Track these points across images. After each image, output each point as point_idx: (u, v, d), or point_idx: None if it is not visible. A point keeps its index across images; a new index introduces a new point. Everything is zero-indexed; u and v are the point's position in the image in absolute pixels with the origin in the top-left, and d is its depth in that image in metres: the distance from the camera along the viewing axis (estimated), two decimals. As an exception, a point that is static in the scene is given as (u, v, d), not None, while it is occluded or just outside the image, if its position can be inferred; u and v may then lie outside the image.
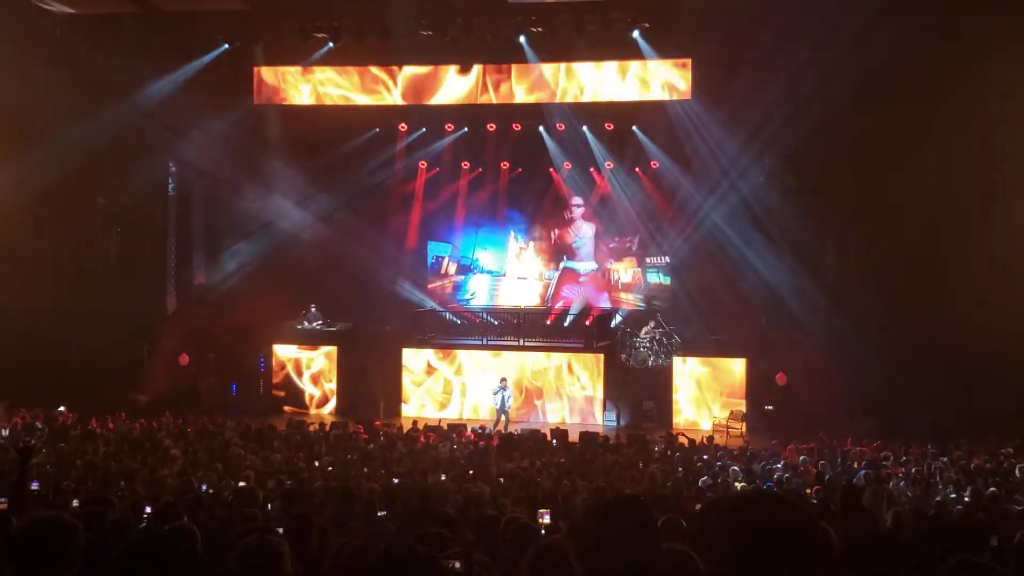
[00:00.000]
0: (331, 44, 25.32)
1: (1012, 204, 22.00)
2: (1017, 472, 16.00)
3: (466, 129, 27.54)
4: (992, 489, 13.46)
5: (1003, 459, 17.38)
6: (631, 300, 27.78)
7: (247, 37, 25.50)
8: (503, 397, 24.33)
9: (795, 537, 2.55)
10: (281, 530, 5.95)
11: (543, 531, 7.18)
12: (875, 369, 21.72)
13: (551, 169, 27.67)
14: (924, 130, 21.89)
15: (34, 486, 11.77)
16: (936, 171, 22.03)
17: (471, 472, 15.81)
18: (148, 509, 9.68)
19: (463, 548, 5.41)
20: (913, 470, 16.53)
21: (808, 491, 14.52)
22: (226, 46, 25.48)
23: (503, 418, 24.11)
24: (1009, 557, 7.21)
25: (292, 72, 26.41)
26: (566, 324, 27.39)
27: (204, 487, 13.00)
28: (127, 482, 13.61)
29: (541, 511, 8.28)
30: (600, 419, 25.21)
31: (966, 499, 13.08)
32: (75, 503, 10.07)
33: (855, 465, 17.26)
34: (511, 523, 5.90)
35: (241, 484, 13.07)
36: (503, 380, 24.69)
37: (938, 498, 13.38)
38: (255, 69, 26.25)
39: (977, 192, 22.02)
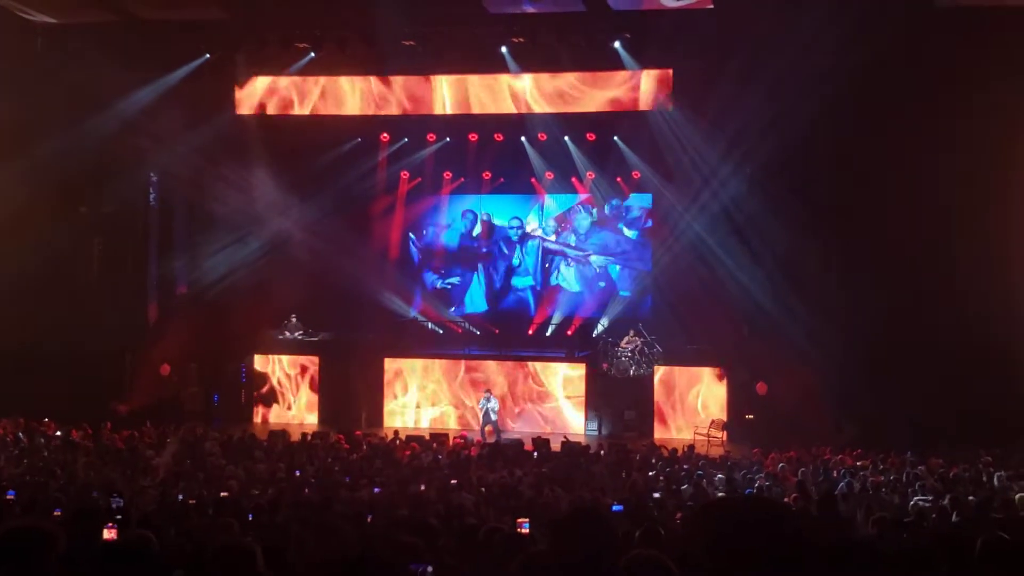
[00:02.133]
0: (313, 54, 25.33)
1: (994, 210, 22.10)
2: (995, 481, 16.07)
3: (448, 139, 27.54)
4: (971, 498, 13.53)
5: (982, 468, 17.44)
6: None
7: (228, 47, 25.46)
8: (487, 408, 24.35)
9: (782, 539, 2.59)
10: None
11: (522, 541, 7.20)
12: (857, 378, 21.81)
13: (532, 179, 27.69)
14: (906, 137, 21.99)
15: (11, 495, 11.76)
16: (918, 177, 22.10)
17: (454, 481, 15.82)
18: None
19: (436, 556, 5.43)
20: (892, 478, 16.59)
21: (787, 499, 14.61)
22: (207, 56, 25.43)
23: (488, 428, 24.11)
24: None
25: (274, 82, 26.40)
26: (548, 334, 27.38)
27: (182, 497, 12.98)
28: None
29: (520, 520, 8.29)
30: (582, 428, 25.22)
31: (944, 506, 13.13)
32: (57, 512, 10.04)
33: (835, 474, 17.32)
34: (491, 533, 5.93)
35: (223, 494, 13.06)
36: (487, 391, 24.71)
37: (912, 502, 13.42)
38: (236, 79, 26.22)
39: (960, 198, 22.09)
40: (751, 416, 24.17)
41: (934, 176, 21.90)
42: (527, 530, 7.64)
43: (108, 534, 7.24)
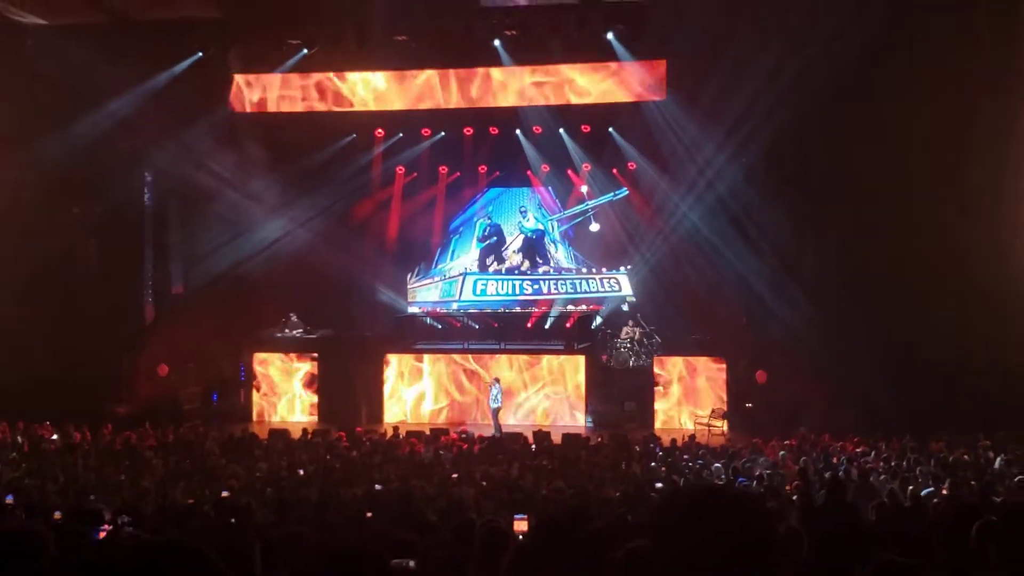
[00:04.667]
0: (305, 51, 25.30)
1: (996, 194, 22.05)
2: (997, 464, 16.08)
3: (443, 134, 27.48)
4: (973, 483, 13.53)
5: (981, 452, 17.46)
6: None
7: (221, 45, 25.42)
8: (493, 394, 24.43)
9: (739, 532, 2.55)
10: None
11: (519, 535, 7.17)
12: (855, 365, 21.77)
13: (528, 172, 27.65)
14: (903, 125, 21.93)
15: (9, 499, 11.72)
16: (916, 166, 22.05)
17: (455, 476, 15.79)
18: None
19: (426, 550, 5.39)
20: (892, 464, 16.58)
21: (788, 487, 14.58)
22: (199, 54, 25.38)
23: (493, 417, 24.22)
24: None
25: (267, 79, 26.36)
26: (547, 327, 27.35)
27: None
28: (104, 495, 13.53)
29: (516, 516, 8.26)
30: (582, 420, 25.21)
31: (944, 492, 13.12)
32: (57, 515, 10.00)
33: (835, 460, 17.32)
34: (486, 527, 5.90)
35: (224, 494, 13.03)
36: (496, 379, 24.78)
37: (911, 488, 13.40)
38: (230, 77, 26.17)
39: (958, 187, 22.03)
40: (751, 405, 24.16)
41: (931, 161, 21.86)
42: (523, 525, 7.62)
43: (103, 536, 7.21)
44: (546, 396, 25.82)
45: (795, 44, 20.91)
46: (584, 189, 27.38)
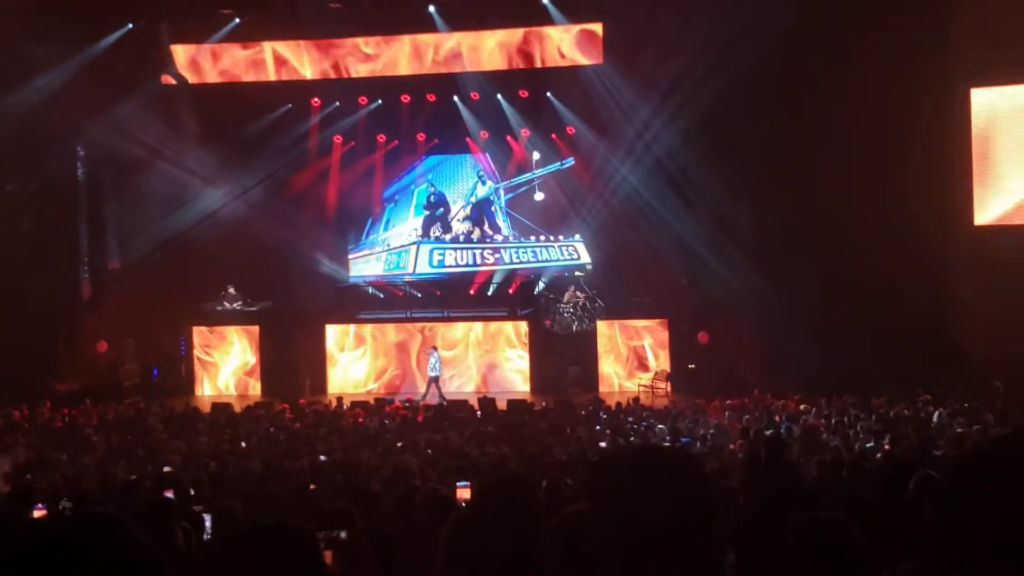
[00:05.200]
0: (237, 20, 25.02)
1: (924, 155, 22.31)
2: (935, 417, 16.33)
3: (380, 101, 27.28)
4: (912, 436, 13.73)
5: (921, 407, 17.72)
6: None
7: (152, 16, 25.03)
8: (432, 363, 24.39)
9: (675, 490, 2.55)
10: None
11: (462, 503, 7.20)
12: (795, 325, 22.00)
13: (468, 139, 27.56)
14: (836, 88, 22.11)
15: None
16: (846, 129, 22.26)
17: (399, 444, 15.79)
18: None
19: (372, 521, 5.38)
20: (834, 421, 16.80)
21: (733, 446, 14.75)
22: (130, 26, 24.99)
23: (433, 386, 24.19)
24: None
25: (199, 50, 26.04)
26: (489, 293, 27.33)
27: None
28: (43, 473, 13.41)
29: (459, 483, 8.30)
30: (527, 386, 25.30)
31: (885, 446, 13.33)
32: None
33: (776, 419, 17.51)
34: (428, 494, 5.92)
35: (166, 469, 12.95)
36: (434, 347, 24.74)
37: (857, 447, 13.61)
38: (161, 48, 25.77)
39: (890, 148, 22.27)
40: (693, 366, 24.37)
41: (864, 126, 22.09)
42: (465, 492, 7.65)
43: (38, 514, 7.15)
44: (490, 363, 25.84)
45: (730, 8, 21.04)
46: (536, 156, 27.23)
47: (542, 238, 27.60)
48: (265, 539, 2.93)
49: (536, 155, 27.21)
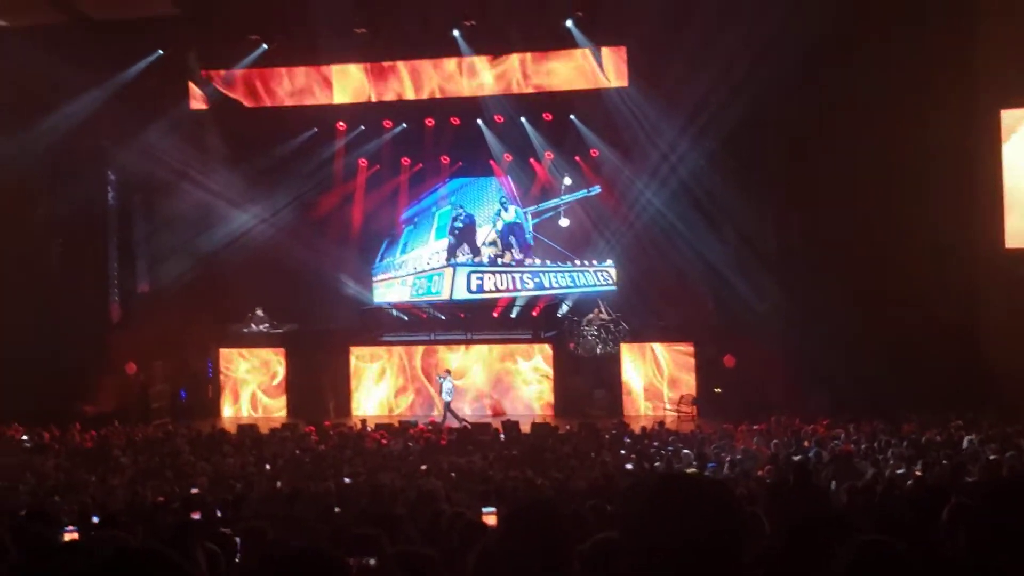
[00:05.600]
0: (265, 46, 25.23)
1: (958, 179, 22.19)
2: (966, 443, 16.17)
3: (404, 125, 27.38)
4: (944, 462, 13.63)
5: (953, 432, 17.52)
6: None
7: (180, 43, 25.29)
8: (444, 388, 24.40)
9: (702, 518, 2.58)
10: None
11: (488, 526, 7.23)
12: (822, 348, 21.88)
13: (491, 161, 27.62)
14: (865, 107, 22.09)
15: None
16: (878, 148, 22.21)
17: (423, 467, 15.83)
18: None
19: (386, 545, 5.42)
20: (864, 446, 16.67)
21: (760, 472, 14.69)
22: (159, 52, 25.27)
23: (444, 410, 24.22)
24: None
25: (227, 75, 26.27)
26: (513, 315, 27.34)
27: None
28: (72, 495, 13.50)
29: (484, 509, 8.33)
30: (551, 409, 25.25)
31: (917, 473, 13.21)
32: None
33: (805, 444, 17.38)
34: (454, 519, 5.95)
35: (193, 491, 13.04)
36: (446, 370, 24.76)
37: (886, 471, 13.52)
38: (190, 74, 26.04)
39: (920, 169, 22.17)
40: (719, 390, 24.25)
41: (894, 148, 22.02)
42: (491, 517, 7.67)
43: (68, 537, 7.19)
44: (513, 386, 25.84)
45: (755, 27, 21.00)
46: (567, 181, 27.17)
47: (577, 263, 27.44)
48: (302, 566, 2.94)
49: (567, 180, 27.14)
